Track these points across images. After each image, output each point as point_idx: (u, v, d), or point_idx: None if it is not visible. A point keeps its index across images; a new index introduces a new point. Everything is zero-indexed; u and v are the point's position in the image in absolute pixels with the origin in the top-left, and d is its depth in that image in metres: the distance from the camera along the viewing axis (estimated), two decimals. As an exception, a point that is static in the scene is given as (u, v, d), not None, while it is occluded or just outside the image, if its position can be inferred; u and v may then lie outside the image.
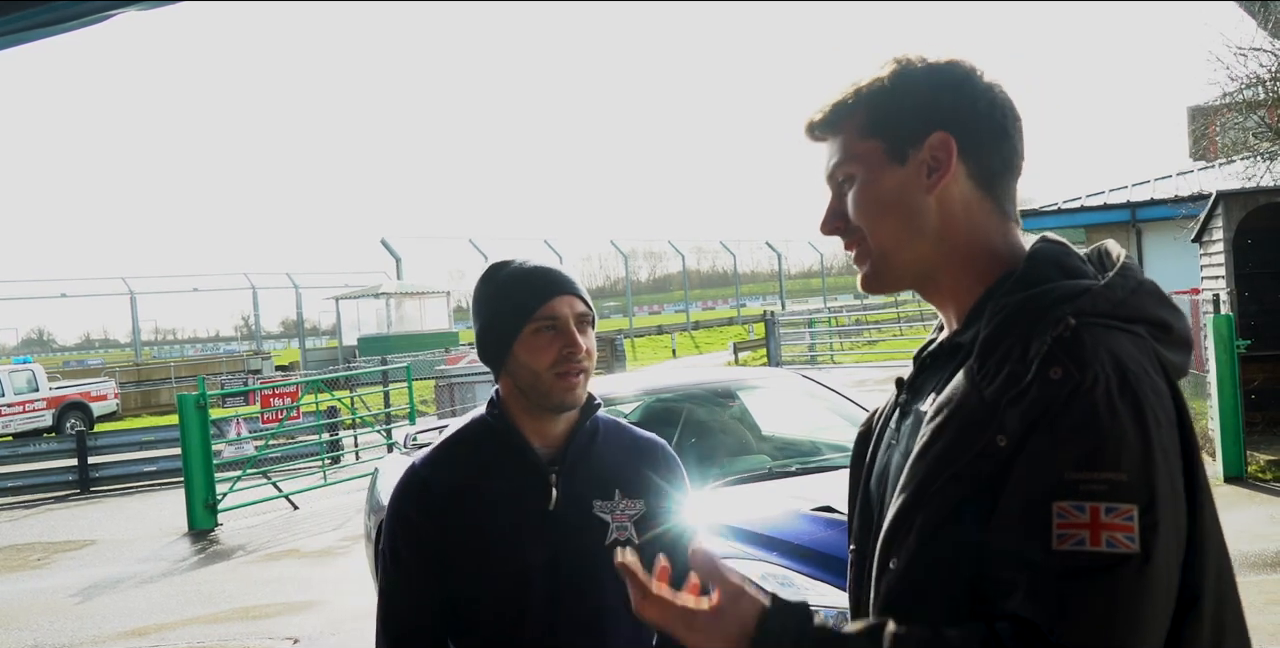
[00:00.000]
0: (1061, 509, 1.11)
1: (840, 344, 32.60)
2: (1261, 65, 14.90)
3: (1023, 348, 1.19)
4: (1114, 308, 1.21)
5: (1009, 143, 1.33)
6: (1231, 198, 10.64)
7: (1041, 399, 1.14)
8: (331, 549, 10.17)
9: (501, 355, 2.13)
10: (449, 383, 18.15)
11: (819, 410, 6.26)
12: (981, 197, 1.32)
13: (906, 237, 1.33)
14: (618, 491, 2.15)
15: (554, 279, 2.13)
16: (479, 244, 45.58)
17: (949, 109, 1.31)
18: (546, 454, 2.15)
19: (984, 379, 1.20)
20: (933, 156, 1.31)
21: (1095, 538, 1.10)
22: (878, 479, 1.41)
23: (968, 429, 1.18)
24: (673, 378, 7.47)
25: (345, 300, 41.35)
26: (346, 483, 13.52)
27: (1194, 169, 21.49)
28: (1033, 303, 1.22)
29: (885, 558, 1.25)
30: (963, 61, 1.34)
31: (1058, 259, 1.29)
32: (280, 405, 13.79)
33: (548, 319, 2.08)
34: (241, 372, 30.78)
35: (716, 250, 71.11)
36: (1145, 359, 1.19)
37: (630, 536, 2.12)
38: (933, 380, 1.35)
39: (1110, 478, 1.11)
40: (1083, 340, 1.16)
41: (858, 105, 1.34)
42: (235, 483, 12.31)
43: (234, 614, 8.04)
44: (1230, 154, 17.71)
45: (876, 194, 1.34)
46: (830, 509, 4.42)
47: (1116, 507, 1.10)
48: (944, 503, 1.19)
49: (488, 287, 2.17)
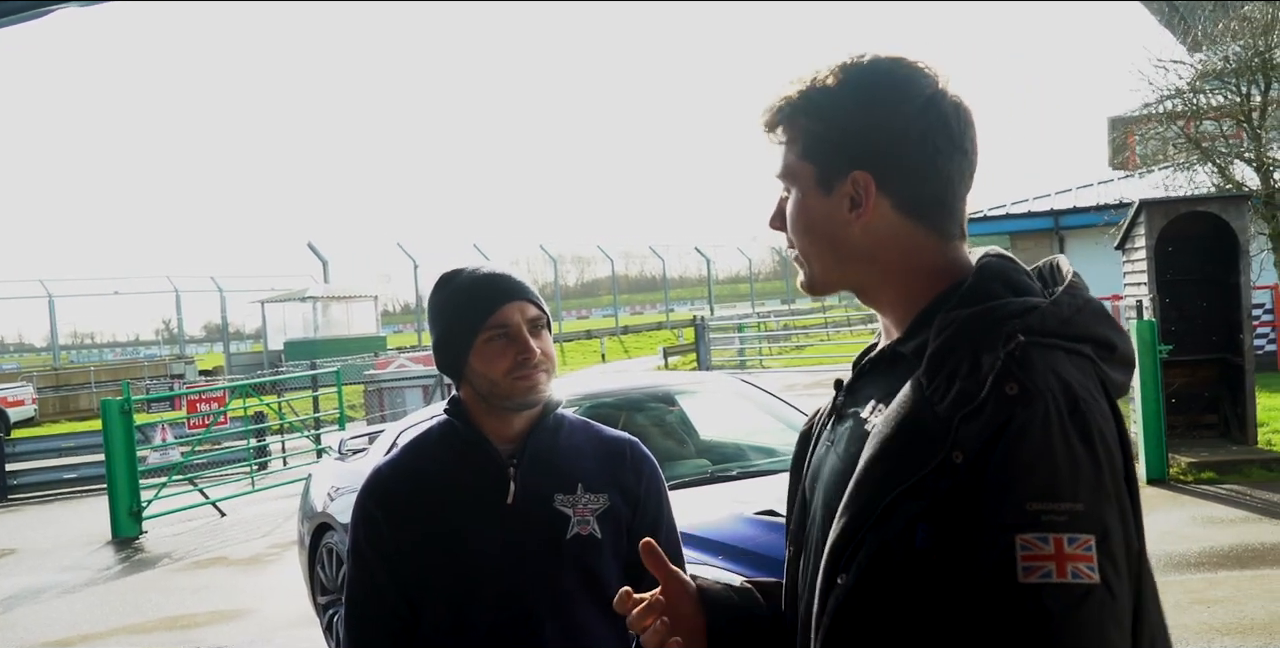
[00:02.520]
0: (1025, 541, 1.10)
1: (769, 349, 32.82)
2: (1180, 77, 15.29)
3: (972, 363, 1.18)
4: (1060, 326, 1.21)
5: (939, 175, 1.30)
6: (1154, 206, 10.88)
7: (998, 415, 1.14)
8: (261, 557, 10.01)
9: (458, 366, 2.14)
10: (378, 388, 17.98)
11: (758, 415, 6.30)
12: (912, 224, 1.31)
13: (833, 261, 1.35)
14: (580, 484, 2.15)
15: (503, 286, 2.14)
16: (407, 248, 45.27)
17: (874, 146, 1.29)
18: (506, 449, 2.16)
19: (935, 394, 1.20)
20: (855, 192, 1.30)
21: (1061, 570, 1.09)
22: (811, 479, 1.42)
23: (921, 445, 1.18)
24: (610, 382, 7.47)
25: (271, 304, 40.79)
26: (275, 489, 13.31)
27: (1114, 178, 21.98)
28: (981, 318, 1.22)
29: (832, 572, 1.23)
30: (908, 76, 1.31)
31: (1005, 275, 1.29)
32: (207, 411, 13.57)
33: (499, 328, 2.09)
34: (164, 376, 30.23)
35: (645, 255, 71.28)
36: (1090, 382, 1.19)
37: (593, 530, 2.12)
38: (871, 386, 1.35)
39: (1069, 508, 1.11)
40: (1032, 360, 1.17)
41: (797, 116, 1.34)
42: (160, 490, 12.05)
43: (161, 624, 7.88)
44: (1150, 164, 18.14)
45: (806, 217, 1.35)
46: (773, 513, 4.45)
47: (1078, 537, 1.10)
48: (898, 520, 1.17)
49: (439, 298, 2.18)
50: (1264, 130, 13.99)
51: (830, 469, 1.34)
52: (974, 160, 1.34)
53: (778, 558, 1.50)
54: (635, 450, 2.28)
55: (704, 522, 4.48)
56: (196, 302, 45.62)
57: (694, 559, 4.20)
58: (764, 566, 3.95)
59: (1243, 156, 14.39)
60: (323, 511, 6.82)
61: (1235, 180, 14.33)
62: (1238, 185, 14.19)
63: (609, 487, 2.17)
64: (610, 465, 2.21)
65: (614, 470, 2.20)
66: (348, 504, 6.62)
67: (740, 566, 4.03)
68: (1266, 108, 14.12)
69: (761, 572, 4.00)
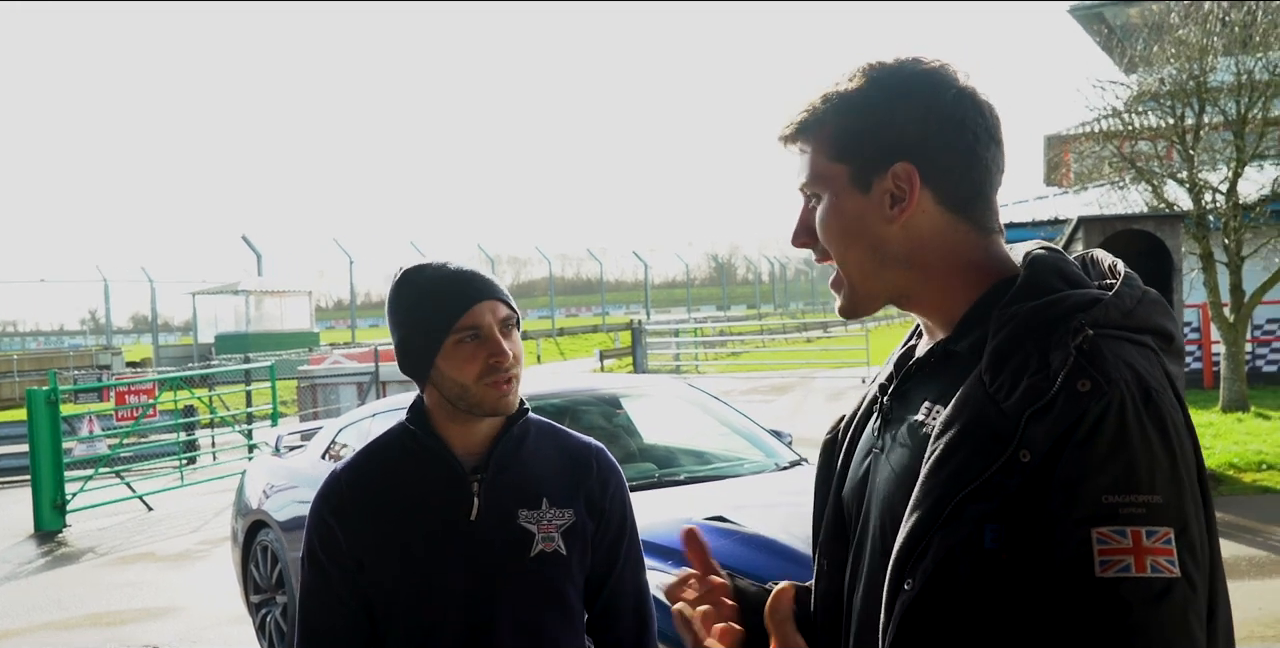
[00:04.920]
0: (1102, 535, 1.08)
1: (705, 355, 32.93)
2: (1117, 97, 15.56)
3: (1041, 359, 1.15)
4: (1123, 318, 1.18)
5: (980, 163, 1.29)
6: (1091, 223, 11.07)
7: (1069, 413, 1.10)
8: (189, 553, 9.83)
9: (424, 369, 2.03)
10: (312, 384, 17.72)
11: (704, 420, 6.30)
12: (954, 219, 1.29)
13: (873, 266, 1.31)
14: (545, 499, 2.07)
15: (474, 284, 2.02)
16: (343, 244, 44.81)
17: (913, 135, 1.27)
18: (469, 462, 2.06)
19: (1000, 391, 1.16)
20: (896, 186, 1.27)
21: (1140, 563, 1.07)
22: (854, 488, 1.38)
23: (987, 443, 1.14)
24: (555, 384, 7.43)
25: (203, 296, 40.11)
26: (204, 485, 13.09)
27: (1049, 194, 22.30)
28: (1045, 313, 1.19)
29: (898, 578, 1.19)
30: (934, 70, 1.30)
31: (1059, 267, 1.26)
32: (136, 403, 13.31)
33: (469, 329, 1.98)
34: (90, 367, 29.62)
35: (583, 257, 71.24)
36: (1158, 372, 1.17)
37: (558, 546, 2.05)
38: (924, 389, 1.31)
39: (1147, 501, 1.08)
40: (1102, 353, 1.13)
41: (825, 120, 1.31)
42: (86, 483, 11.81)
43: (85, 621, 7.70)
44: (1085, 181, 18.43)
45: (841, 222, 1.31)
46: (722, 519, 4.45)
47: (1156, 530, 1.08)
48: (966, 522, 1.14)
49: (403, 295, 2.05)
50: (1196, 152, 14.28)
51: (886, 477, 1.30)
52: (1005, 155, 1.32)
53: (727, 565, 1.47)
54: (602, 460, 2.20)
55: (651, 527, 4.44)
56: (125, 292, 44.80)
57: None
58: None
59: (1175, 177, 14.67)
60: (258, 508, 6.72)
61: (1168, 200, 14.61)
62: (1170, 205, 14.46)
63: (574, 500, 2.10)
64: (576, 477, 2.13)
65: (580, 482, 2.13)
66: (283, 502, 6.58)
67: (689, 571, 4.02)
68: (1200, 130, 14.41)
69: (710, 577, 3.99)
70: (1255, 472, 10.59)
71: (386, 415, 6.14)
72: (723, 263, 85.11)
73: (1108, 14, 24.94)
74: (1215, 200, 14.21)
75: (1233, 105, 14.26)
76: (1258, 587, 7.02)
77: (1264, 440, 11.65)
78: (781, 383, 23.70)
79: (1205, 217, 14.10)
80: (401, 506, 2.05)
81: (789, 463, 5.66)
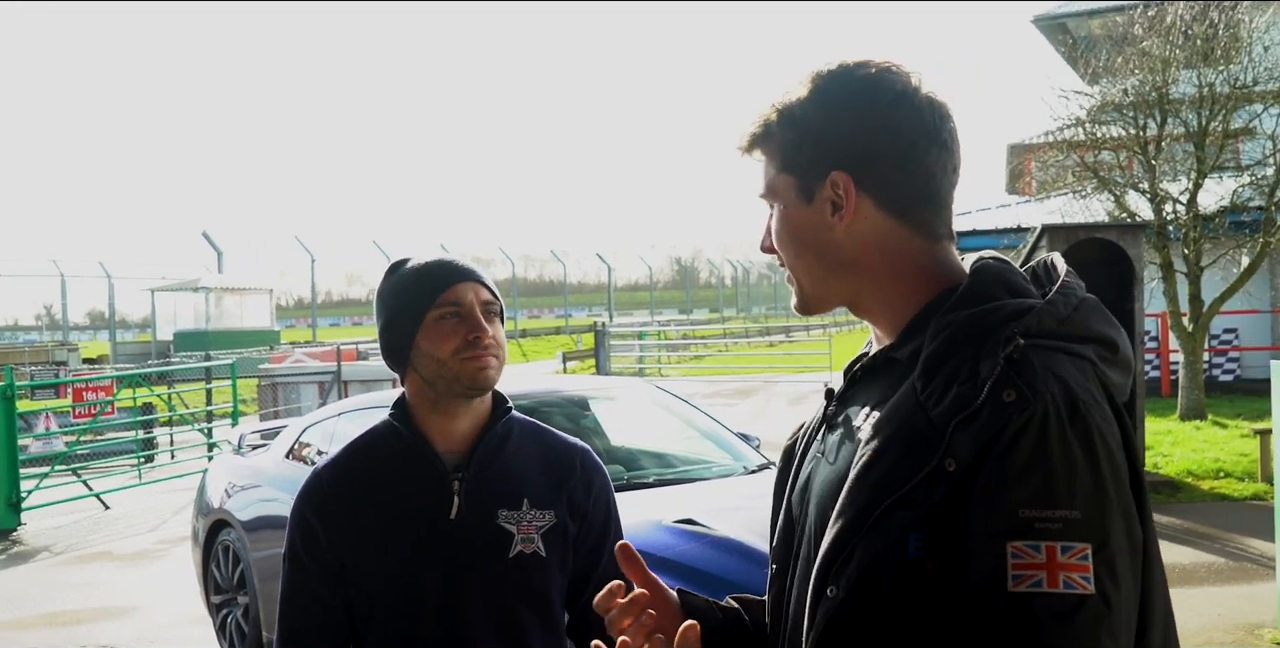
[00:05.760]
0: (1016, 549, 1.08)
1: (668, 358, 32.95)
2: (1081, 107, 15.71)
3: (971, 368, 1.15)
4: (1058, 326, 1.18)
5: (919, 168, 1.28)
6: (1055, 231, 11.17)
7: (993, 423, 1.10)
8: (147, 552, 9.71)
9: (404, 349, 2.03)
10: (273, 383, 17.56)
11: (673, 422, 6.30)
12: (896, 224, 1.29)
13: (821, 272, 1.33)
14: (526, 500, 2.05)
15: (457, 266, 2.06)
16: (305, 242, 44.45)
17: (848, 145, 1.28)
18: (451, 459, 2.05)
19: (930, 399, 1.16)
20: (835, 194, 1.29)
21: (1053, 579, 1.07)
22: (799, 493, 1.38)
23: (913, 452, 1.14)
24: (522, 385, 7.39)
25: (161, 293, 39.66)
26: (162, 483, 12.93)
27: (1012, 203, 22.50)
28: (980, 321, 1.19)
29: (821, 584, 1.20)
30: (876, 75, 1.30)
31: (1002, 276, 1.27)
32: (94, 400, 13.15)
33: (451, 305, 2.00)
34: (46, 363, 29.20)
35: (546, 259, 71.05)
36: (1091, 384, 1.16)
37: (537, 548, 2.04)
38: (864, 394, 1.32)
39: (1064, 516, 1.08)
40: (1031, 363, 1.13)
41: (772, 132, 1.34)
42: (42, 480, 11.63)
43: (40, 620, 7.59)
44: (1047, 190, 18.59)
45: (790, 230, 1.33)
46: (691, 522, 4.45)
47: (1072, 546, 1.07)
48: (890, 529, 1.14)
49: (389, 281, 2.08)
50: (1158, 163, 14.44)
51: (822, 480, 1.31)
52: (956, 155, 1.32)
53: (697, 568, 1.47)
54: (587, 461, 2.19)
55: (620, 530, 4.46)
56: (82, 288, 44.14)
57: (613, 566, 4.18)
58: (683, 575, 3.93)
59: (1137, 188, 14.83)
60: (219, 507, 6.65)
61: (1129, 210, 14.77)
62: (1131, 215, 14.62)
63: (556, 502, 2.08)
64: (559, 477, 2.11)
65: (563, 483, 2.11)
66: (246, 501, 6.52)
67: (659, 574, 4.00)
68: (1161, 141, 14.58)
69: (680, 581, 3.97)
70: (1213, 479, 10.72)
71: (354, 415, 6.09)
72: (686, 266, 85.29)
73: (1071, 25, 25.16)
74: (1176, 211, 14.38)
75: (1194, 117, 14.45)
76: (1217, 593, 7.10)
77: (1221, 448, 11.79)
78: (744, 387, 23.77)
79: (1166, 227, 14.26)
80: (383, 504, 2.03)
81: (757, 467, 5.67)
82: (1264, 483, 10.15)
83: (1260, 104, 14.66)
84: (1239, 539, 8.46)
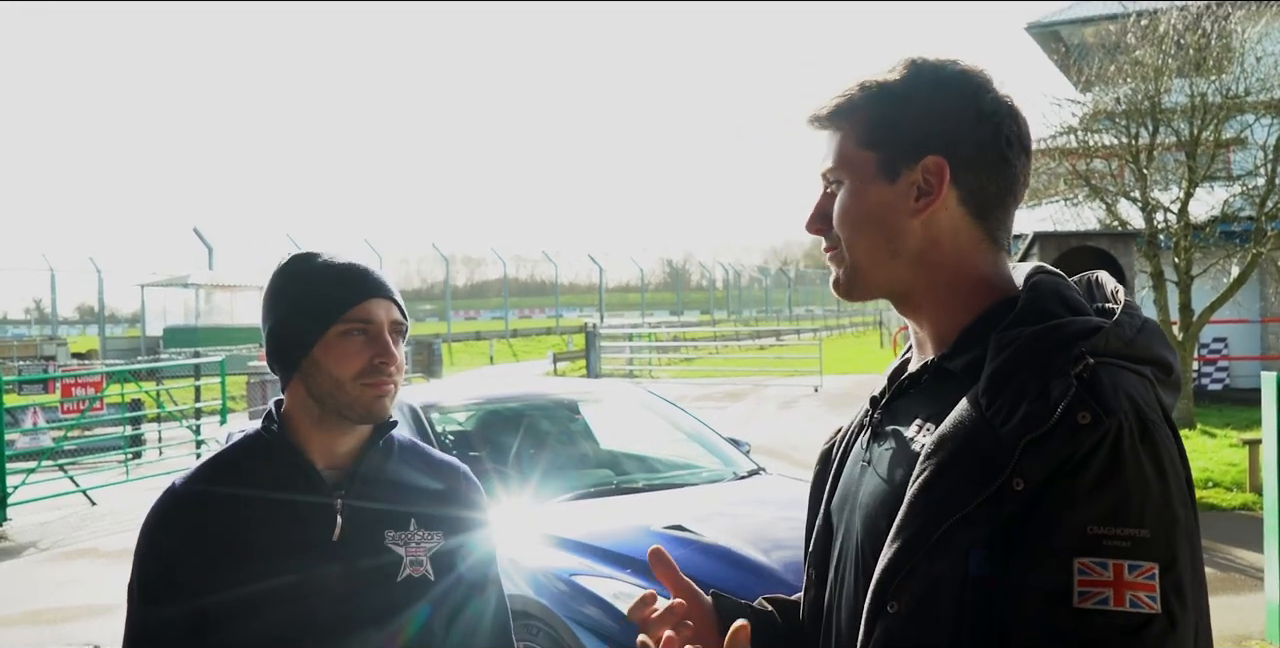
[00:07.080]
0: (1084, 566, 1.07)
1: (659, 360, 32.93)
2: (1073, 115, 15.75)
3: (1040, 386, 1.13)
4: (1124, 347, 1.17)
5: (1009, 171, 1.28)
6: (1047, 238, 11.21)
7: (1068, 445, 1.09)
8: (133, 550, 9.65)
9: (297, 358, 1.85)
10: (262, 380, 17.56)
11: (663, 427, 6.29)
12: (972, 224, 1.28)
13: (884, 256, 1.29)
14: (413, 520, 1.91)
15: (371, 279, 1.88)
16: (296, 239, 44.36)
17: (950, 131, 1.26)
18: (332, 476, 1.87)
19: (997, 416, 1.14)
20: (925, 179, 1.26)
21: (1119, 597, 1.06)
22: (841, 500, 1.37)
23: (978, 471, 1.13)
24: (512, 387, 7.39)
25: (152, 288, 39.58)
26: (150, 480, 12.88)
27: (1005, 209, 22.53)
28: (1046, 339, 1.17)
29: (881, 599, 1.18)
30: (977, 74, 1.30)
31: (1059, 292, 1.25)
32: (83, 395, 13.10)
33: (360, 322, 1.83)
34: (34, 357, 29.09)
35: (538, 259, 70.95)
36: (1155, 403, 1.16)
37: (426, 571, 1.89)
38: (917, 405, 1.29)
39: (1134, 535, 1.07)
40: (1102, 381, 1.12)
41: (860, 107, 1.30)
42: (28, 475, 11.58)
43: (25, 618, 7.55)
44: (1039, 197, 18.63)
45: (861, 207, 1.29)
46: (681, 528, 4.44)
47: (1140, 565, 1.07)
48: (953, 547, 1.13)
49: (288, 278, 1.90)
50: (1149, 172, 14.47)
51: (870, 491, 1.29)
52: (1026, 178, 1.31)
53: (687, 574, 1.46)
54: (470, 480, 2.06)
55: (610, 535, 4.45)
56: (71, 282, 44.02)
57: (602, 573, 4.17)
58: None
59: (1129, 196, 14.87)
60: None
61: (1121, 218, 14.80)
62: (1123, 223, 14.66)
63: (442, 522, 1.94)
64: (443, 497, 1.98)
65: (447, 503, 1.98)
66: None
67: (650, 581, 4.00)
68: (1153, 150, 14.61)
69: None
70: (1201, 489, 10.73)
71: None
72: (677, 268, 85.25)
73: (1064, 33, 25.22)
74: (1167, 220, 14.42)
75: (1186, 126, 14.48)
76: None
77: (1210, 458, 11.81)
78: (734, 390, 23.75)
79: (1157, 236, 14.30)
80: (254, 522, 1.82)
81: (747, 472, 5.66)
82: (1252, 494, 10.16)
83: (1252, 114, 14.70)
84: (1226, 550, 8.47)
